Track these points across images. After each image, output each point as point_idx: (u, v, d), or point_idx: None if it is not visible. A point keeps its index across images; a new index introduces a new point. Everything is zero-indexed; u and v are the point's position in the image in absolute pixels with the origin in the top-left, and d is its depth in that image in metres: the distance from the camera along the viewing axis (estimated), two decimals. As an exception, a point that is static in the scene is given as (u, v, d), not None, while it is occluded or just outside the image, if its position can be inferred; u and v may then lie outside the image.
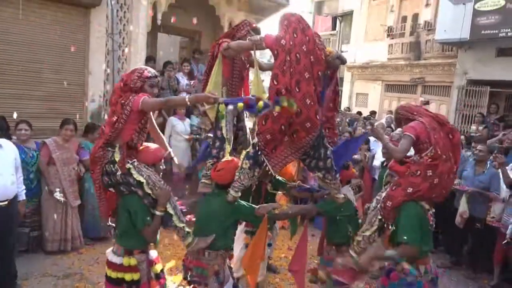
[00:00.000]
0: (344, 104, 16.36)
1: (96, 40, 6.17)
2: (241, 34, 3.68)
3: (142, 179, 2.83)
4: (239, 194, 3.14)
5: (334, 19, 20.36)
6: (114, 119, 2.85)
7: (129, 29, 6.70)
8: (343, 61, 3.26)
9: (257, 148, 3.15)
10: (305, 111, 3.00)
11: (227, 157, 3.29)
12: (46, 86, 5.81)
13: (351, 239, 3.42)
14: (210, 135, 6.10)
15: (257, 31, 3.72)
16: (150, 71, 3.03)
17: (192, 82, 7.41)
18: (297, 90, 2.98)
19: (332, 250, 3.53)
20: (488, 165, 5.10)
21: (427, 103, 10.17)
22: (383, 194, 3.18)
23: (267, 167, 3.20)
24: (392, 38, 14.46)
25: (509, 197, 4.75)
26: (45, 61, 5.77)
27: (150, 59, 7.17)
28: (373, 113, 12.44)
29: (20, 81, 5.59)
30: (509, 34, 9.03)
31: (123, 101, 2.85)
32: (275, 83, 3.02)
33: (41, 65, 5.74)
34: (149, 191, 2.86)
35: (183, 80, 7.28)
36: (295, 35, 3.07)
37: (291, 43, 3.03)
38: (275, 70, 3.04)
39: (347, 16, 18.24)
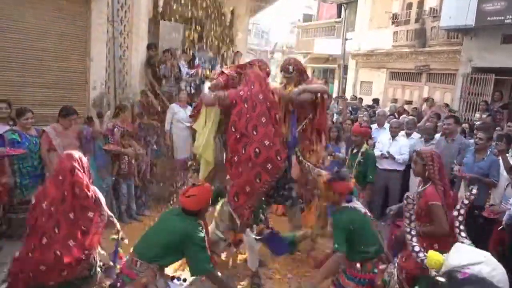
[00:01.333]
0: (348, 92, 16.31)
1: (97, 27, 6.17)
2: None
3: None
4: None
5: (339, 7, 20.15)
6: None
7: (130, 16, 6.70)
8: (316, 93, 3.57)
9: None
10: (264, 152, 3.31)
11: (200, 182, 3.26)
12: (47, 73, 5.85)
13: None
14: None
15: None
16: None
17: (192, 71, 7.40)
18: (255, 133, 3.34)
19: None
20: (488, 152, 5.08)
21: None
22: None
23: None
24: (397, 26, 14.30)
25: (507, 185, 4.74)
26: (46, 49, 5.80)
27: (151, 46, 7.15)
28: (376, 101, 12.38)
29: (21, 69, 5.63)
30: (515, 21, 8.90)
31: None
32: (233, 129, 3.43)
33: (43, 53, 5.78)
34: None
35: (184, 69, 7.27)
36: (252, 87, 3.49)
37: (248, 93, 3.45)
38: (233, 117, 3.46)
39: (352, 3, 18.02)
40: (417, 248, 2.71)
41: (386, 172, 6.39)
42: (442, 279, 1.84)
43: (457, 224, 2.86)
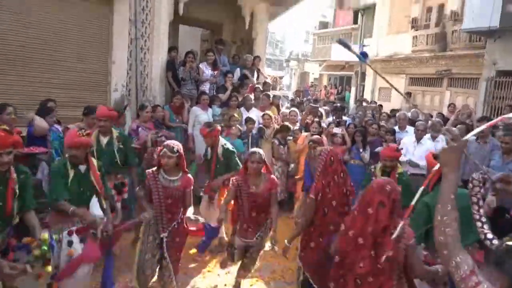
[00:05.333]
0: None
1: (119, 30, 6.18)
2: None
3: None
4: None
5: (356, 13, 20.06)
6: None
7: (151, 18, 6.69)
8: None
9: None
10: None
11: None
12: (70, 75, 5.85)
13: None
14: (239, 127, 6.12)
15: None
16: None
17: (215, 72, 7.35)
18: None
19: None
20: (517, 154, 4.85)
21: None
22: None
23: None
24: (417, 30, 14.09)
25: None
26: (69, 51, 5.81)
27: (172, 49, 7.14)
28: (395, 112, 12.08)
29: (44, 70, 5.64)
30: (542, 21, 8.65)
31: None
32: None
33: (65, 54, 5.78)
34: None
35: (207, 70, 7.23)
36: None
37: None
38: None
39: (369, 9, 17.92)
40: (490, 236, 2.52)
41: (411, 176, 6.16)
42: None
43: (479, 225, 2.69)
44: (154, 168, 3.42)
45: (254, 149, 3.70)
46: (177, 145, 3.39)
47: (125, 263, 4.10)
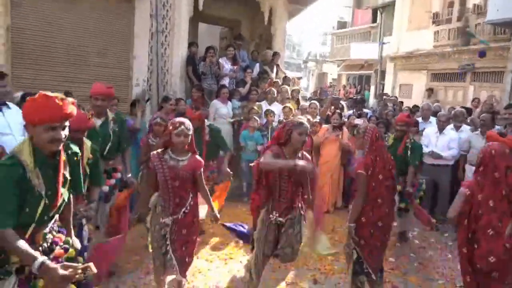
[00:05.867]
0: (387, 96, 15.88)
1: (140, 25, 6.27)
2: None
3: None
4: None
5: (375, 12, 19.86)
6: None
7: (171, 14, 6.76)
8: None
9: None
10: None
11: None
12: (92, 69, 5.96)
13: None
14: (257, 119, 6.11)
15: None
16: None
17: (235, 67, 7.38)
18: None
19: None
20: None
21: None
22: None
23: None
24: (438, 25, 13.84)
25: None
26: (91, 45, 5.92)
27: (192, 44, 7.20)
28: (416, 108, 11.85)
29: (67, 65, 5.77)
30: None
31: None
32: None
33: (87, 49, 5.90)
34: None
35: (227, 65, 7.27)
36: None
37: None
38: None
39: (389, 6, 17.70)
40: None
41: (434, 167, 6.01)
42: None
43: None
44: (159, 150, 3.15)
45: (302, 119, 3.32)
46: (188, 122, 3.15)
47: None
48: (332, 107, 7.08)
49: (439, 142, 6.02)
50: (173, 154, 3.11)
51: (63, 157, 2.11)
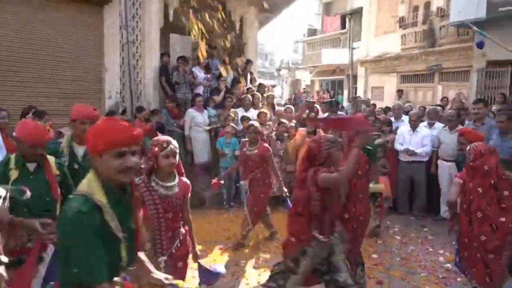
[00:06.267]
0: (359, 99, 16.20)
1: (110, 37, 6.21)
2: None
3: None
4: None
5: (343, 18, 20.29)
6: None
7: (141, 25, 6.72)
8: None
9: None
10: None
11: None
12: (64, 84, 5.86)
13: None
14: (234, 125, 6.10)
15: None
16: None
17: (208, 75, 7.38)
18: None
19: None
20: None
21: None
22: None
23: None
24: (405, 29, 14.27)
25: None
26: (61, 59, 5.82)
27: (164, 54, 7.16)
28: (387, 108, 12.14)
29: (39, 81, 5.65)
30: (527, 9, 8.78)
31: None
32: None
33: (58, 63, 5.80)
34: None
35: (201, 74, 7.27)
36: None
37: None
38: None
39: (357, 13, 18.14)
40: None
41: (409, 164, 6.15)
42: None
43: None
44: (142, 176, 2.61)
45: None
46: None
47: None
48: (307, 111, 7.14)
49: (413, 139, 6.16)
50: (160, 181, 2.60)
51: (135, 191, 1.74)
